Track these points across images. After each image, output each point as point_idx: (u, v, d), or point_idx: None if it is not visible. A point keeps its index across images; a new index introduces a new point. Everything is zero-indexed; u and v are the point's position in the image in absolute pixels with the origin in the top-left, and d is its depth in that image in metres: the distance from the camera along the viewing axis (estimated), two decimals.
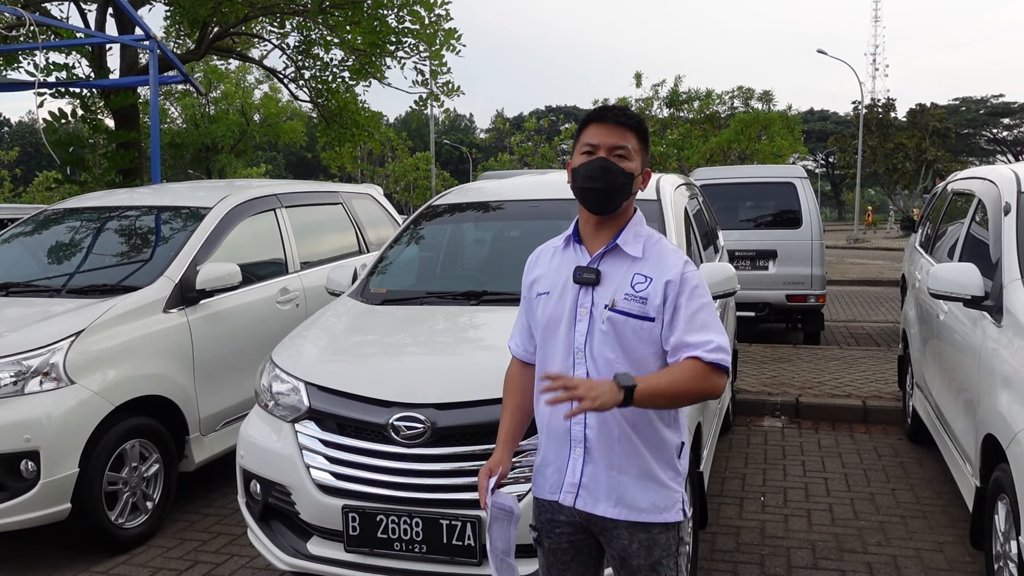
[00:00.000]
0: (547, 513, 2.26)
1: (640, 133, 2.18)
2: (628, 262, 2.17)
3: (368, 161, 44.10)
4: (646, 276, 2.14)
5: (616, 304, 2.12)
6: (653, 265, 2.15)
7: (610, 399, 1.91)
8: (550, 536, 2.27)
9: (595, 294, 2.15)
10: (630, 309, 2.11)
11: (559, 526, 2.25)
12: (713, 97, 36.62)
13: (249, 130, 33.89)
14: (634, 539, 2.14)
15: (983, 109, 65.47)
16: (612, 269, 2.17)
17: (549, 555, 2.29)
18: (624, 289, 2.13)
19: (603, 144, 2.14)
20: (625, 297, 2.12)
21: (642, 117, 2.28)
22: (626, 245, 2.18)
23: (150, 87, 9.12)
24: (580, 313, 2.16)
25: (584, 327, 2.15)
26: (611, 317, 2.12)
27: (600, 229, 2.21)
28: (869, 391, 6.93)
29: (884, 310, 13.42)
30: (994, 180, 4.61)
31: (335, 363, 3.71)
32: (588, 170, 2.14)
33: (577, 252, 2.23)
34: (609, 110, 2.19)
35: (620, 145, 2.14)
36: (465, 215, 5.15)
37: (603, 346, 2.12)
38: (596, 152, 2.15)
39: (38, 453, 3.94)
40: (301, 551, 3.37)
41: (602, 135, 2.15)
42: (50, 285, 4.98)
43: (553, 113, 69.55)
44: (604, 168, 2.12)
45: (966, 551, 4.15)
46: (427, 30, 11.70)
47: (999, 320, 3.70)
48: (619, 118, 2.16)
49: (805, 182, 10.03)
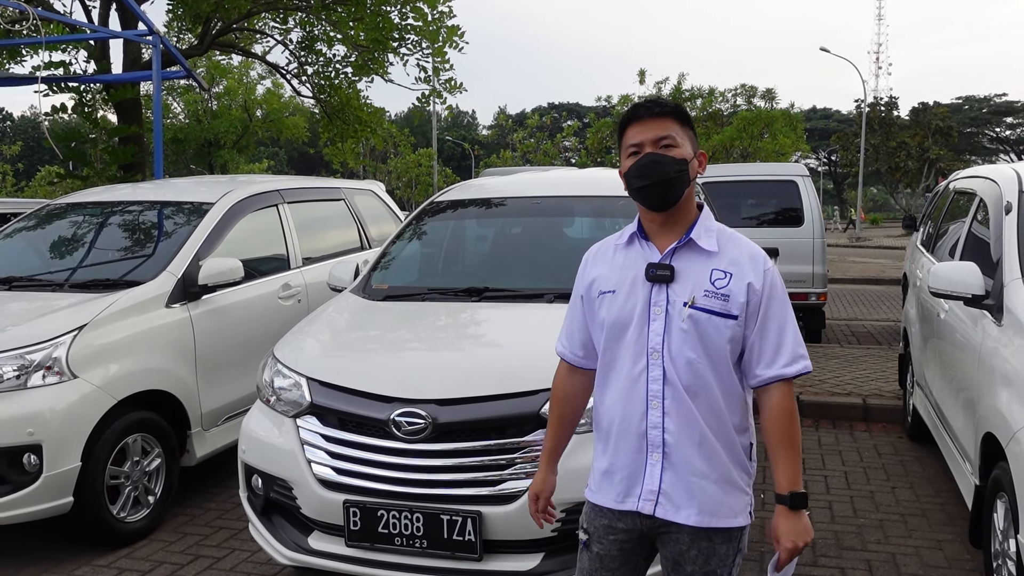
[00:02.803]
0: (603, 519, 2.19)
1: (679, 118, 2.13)
2: (704, 257, 2.10)
3: (370, 157, 44.08)
4: (725, 272, 2.08)
5: (697, 301, 2.06)
6: (732, 260, 2.10)
7: (805, 523, 2.07)
8: (601, 541, 2.19)
9: (670, 291, 2.08)
10: (712, 307, 2.06)
11: (615, 532, 2.17)
12: (716, 95, 36.55)
13: (252, 126, 33.88)
14: (694, 546, 2.09)
15: (986, 108, 65.38)
16: (687, 265, 2.10)
17: (595, 560, 2.21)
18: (704, 286, 2.07)
19: (646, 140, 2.10)
20: (705, 294, 2.06)
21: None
22: (700, 240, 2.11)
23: (153, 82, 9.12)
24: (654, 312, 2.09)
25: (660, 326, 2.08)
26: (692, 315, 2.05)
27: (667, 225, 2.15)
28: (869, 389, 6.94)
29: (885, 308, 13.42)
30: (995, 179, 4.61)
31: (337, 358, 3.72)
32: (638, 169, 2.10)
33: (645, 248, 2.16)
34: (641, 106, 2.15)
35: (663, 135, 2.10)
36: (467, 212, 5.16)
37: (683, 345, 2.06)
38: (642, 149, 2.11)
39: (41, 447, 3.96)
40: (302, 545, 3.39)
41: (642, 131, 2.11)
42: (53, 280, 4.99)
43: (556, 110, 69.53)
44: (654, 162, 2.08)
45: (965, 549, 4.16)
46: (430, 27, 11.71)
47: (999, 319, 3.70)
48: (653, 110, 2.12)
49: (807, 180, 10.02)
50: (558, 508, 3.05)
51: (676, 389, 2.07)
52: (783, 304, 2.10)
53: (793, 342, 2.09)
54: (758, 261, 2.10)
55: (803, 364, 2.09)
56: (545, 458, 2.38)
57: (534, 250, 4.79)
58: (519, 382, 3.24)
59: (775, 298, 2.09)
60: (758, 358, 2.09)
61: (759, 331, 2.07)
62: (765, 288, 2.08)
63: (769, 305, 2.08)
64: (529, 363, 3.34)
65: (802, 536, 2.05)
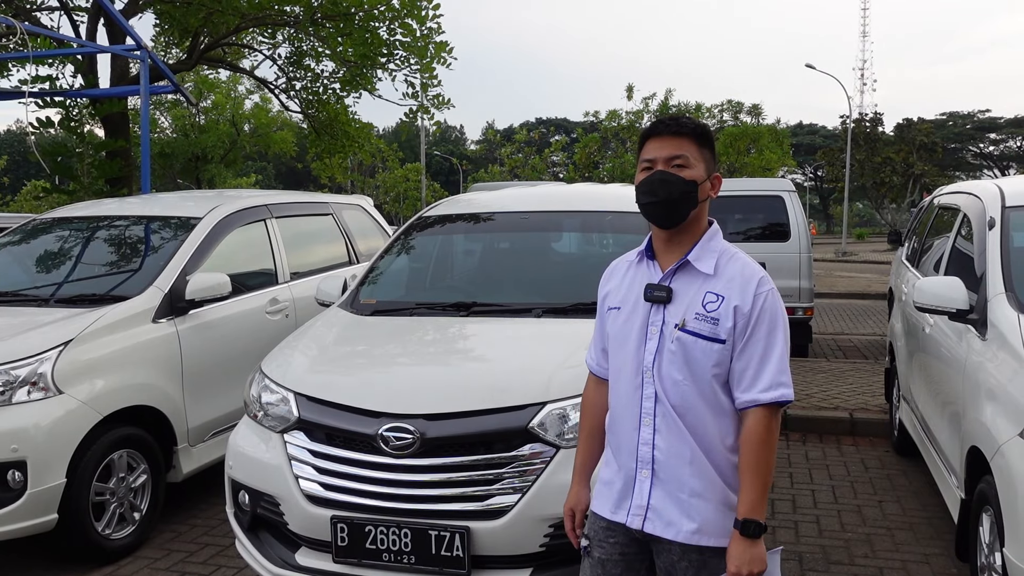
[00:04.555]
0: (602, 522, 2.22)
1: (699, 138, 2.14)
2: (700, 279, 2.11)
3: (358, 172, 44.10)
4: (718, 295, 2.08)
5: (686, 324, 2.08)
6: (726, 283, 2.09)
7: (757, 552, 2.02)
8: (602, 546, 2.21)
9: (666, 312, 2.11)
10: (700, 330, 2.07)
11: (614, 536, 2.20)
12: (703, 110, 36.83)
13: (239, 140, 33.84)
14: (684, 558, 2.10)
15: (970, 124, 66.10)
16: (684, 286, 2.12)
17: (597, 566, 2.21)
18: (695, 308, 2.08)
19: (659, 157, 2.12)
20: (696, 317, 2.07)
21: (704, 124, 2.23)
22: (697, 262, 2.12)
23: (141, 97, 9.11)
24: (651, 332, 2.12)
25: (654, 346, 2.10)
26: (680, 337, 2.07)
27: (671, 244, 2.16)
28: (856, 403, 6.97)
29: (871, 323, 13.49)
30: (979, 195, 4.66)
31: (325, 373, 3.71)
32: (647, 185, 2.12)
33: (650, 268, 2.19)
34: (662, 122, 2.16)
35: (677, 155, 2.11)
36: (455, 226, 5.17)
37: (671, 367, 2.08)
38: (654, 166, 2.12)
39: (25, 463, 3.92)
40: (289, 562, 3.36)
41: (658, 148, 2.13)
42: (39, 295, 4.96)
43: (543, 125, 69.82)
44: (663, 180, 2.09)
45: (951, 563, 4.17)
46: (418, 43, 11.74)
47: (984, 333, 3.73)
48: (672, 128, 2.13)
49: (793, 195, 10.09)
50: (547, 523, 3.06)
51: (666, 408, 2.09)
52: (773, 329, 2.08)
53: (776, 369, 2.06)
54: (751, 284, 2.09)
55: (781, 392, 2.05)
56: (577, 473, 2.39)
57: (522, 265, 4.80)
58: (507, 397, 3.24)
59: (763, 323, 2.07)
60: (738, 381, 2.08)
61: (741, 354, 2.07)
62: (754, 312, 2.07)
63: (756, 329, 2.07)
64: (517, 378, 3.35)
65: (749, 564, 2.01)
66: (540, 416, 3.16)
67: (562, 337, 3.72)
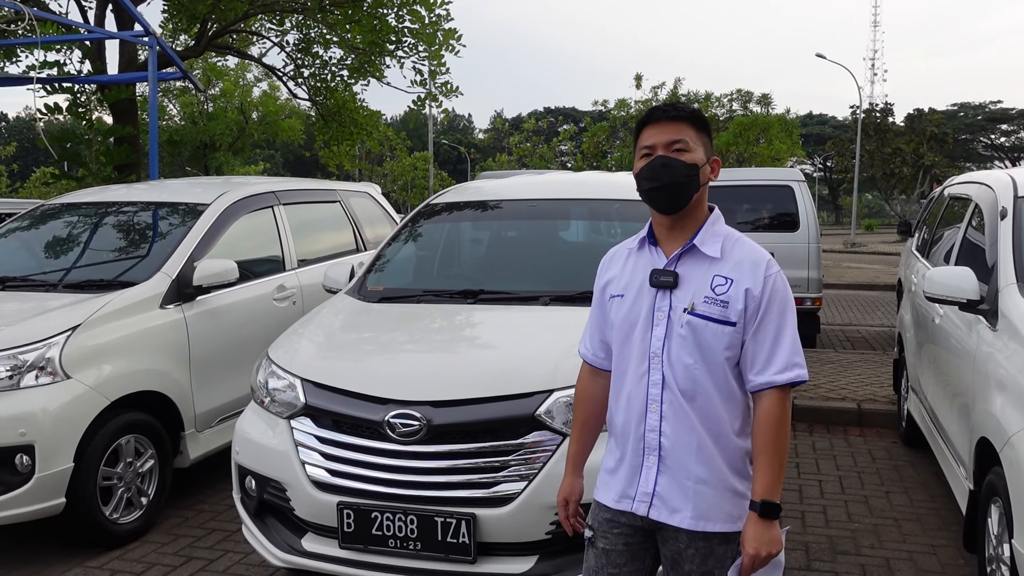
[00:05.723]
0: (606, 513, 2.22)
1: (696, 122, 2.15)
2: (707, 263, 2.12)
3: (366, 160, 44.04)
4: (726, 278, 2.09)
5: (696, 308, 2.08)
6: (734, 266, 2.10)
7: (775, 534, 2.02)
8: (606, 536, 2.21)
9: (673, 297, 2.11)
10: (710, 313, 2.07)
11: (618, 527, 2.19)
12: (712, 100, 36.66)
13: (247, 128, 33.81)
14: (691, 545, 2.10)
15: (981, 115, 65.62)
16: (690, 271, 2.12)
17: (602, 556, 2.21)
18: (704, 292, 2.09)
19: (658, 143, 2.12)
20: (705, 300, 2.08)
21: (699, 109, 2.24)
22: (704, 245, 2.13)
23: (149, 83, 9.11)
24: (657, 317, 2.12)
25: (661, 331, 2.11)
26: (690, 321, 2.08)
27: (674, 230, 2.16)
28: (864, 394, 6.95)
29: (880, 314, 13.44)
30: (991, 185, 4.62)
31: (331, 360, 3.71)
32: (649, 171, 2.11)
33: (653, 254, 2.18)
34: (658, 109, 2.16)
35: (676, 139, 2.11)
36: (463, 214, 5.16)
37: (681, 351, 2.08)
38: (654, 152, 2.12)
39: (33, 447, 3.94)
40: (296, 547, 3.37)
41: (656, 134, 2.13)
42: (47, 280, 4.97)
43: (552, 114, 69.54)
44: (664, 165, 2.09)
45: (959, 554, 4.16)
46: (427, 30, 11.69)
47: (994, 324, 3.71)
48: (669, 113, 2.14)
49: (803, 185, 10.04)
50: (553, 511, 3.05)
51: (674, 394, 2.09)
52: (783, 311, 2.09)
53: (789, 350, 2.08)
54: (759, 267, 2.10)
55: (797, 372, 2.07)
56: (570, 463, 2.39)
57: (530, 253, 4.79)
58: (514, 384, 3.23)
59: (774, 304, 2.08)
60: (751, 364, 2.09)
61: (754, 337, 2.08)
62: (764, 294, 2.08)
63: (767, 311, 2.07)
64: (524, 365, 3.35)
65: (768, 546, 2.01)
66: (547, 404, 3.16)
67: (569, 325, 3.70)
